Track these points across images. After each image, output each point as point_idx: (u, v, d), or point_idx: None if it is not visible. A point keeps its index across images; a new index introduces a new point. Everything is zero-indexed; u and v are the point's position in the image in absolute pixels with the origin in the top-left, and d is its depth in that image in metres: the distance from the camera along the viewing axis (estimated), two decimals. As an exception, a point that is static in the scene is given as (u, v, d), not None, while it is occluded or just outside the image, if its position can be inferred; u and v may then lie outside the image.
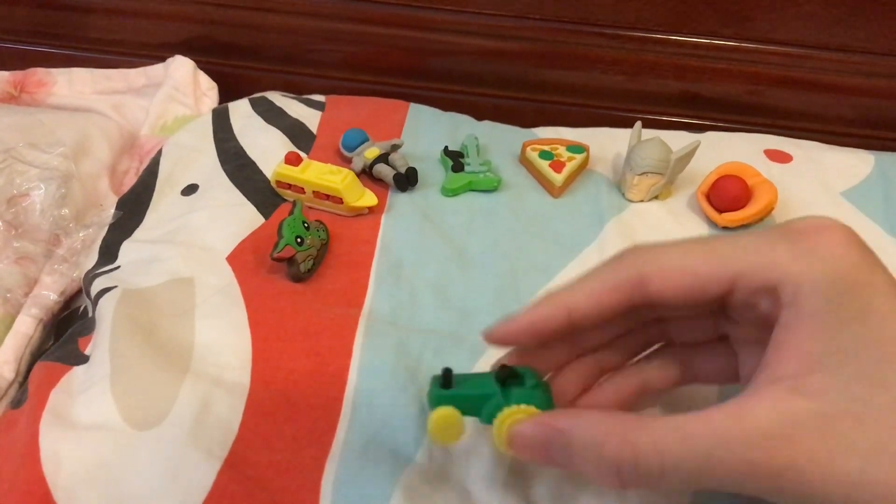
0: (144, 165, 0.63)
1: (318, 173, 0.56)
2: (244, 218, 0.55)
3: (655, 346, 0.34)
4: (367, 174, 0.61)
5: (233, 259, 0.50)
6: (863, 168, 0.64)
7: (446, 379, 0.30)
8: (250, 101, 0.70)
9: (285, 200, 0.57)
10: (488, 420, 0.29)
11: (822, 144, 0.69)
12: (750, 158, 0.63)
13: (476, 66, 0.76)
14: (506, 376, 0.29)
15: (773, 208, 0.57)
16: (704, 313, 0.30)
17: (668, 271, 0.26)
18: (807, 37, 0.69)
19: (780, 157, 0.66)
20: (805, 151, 0.67)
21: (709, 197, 0.58)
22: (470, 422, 0.31)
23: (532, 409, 0.28)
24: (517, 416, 0.28)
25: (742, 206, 0.56)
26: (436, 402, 0.29)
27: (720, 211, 0.57)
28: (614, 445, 0.24)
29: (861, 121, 0.74)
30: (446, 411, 0.29)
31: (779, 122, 0.75)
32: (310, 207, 0.57)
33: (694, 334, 0.32)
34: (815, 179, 0.63)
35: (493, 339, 0.30)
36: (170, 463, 0.36)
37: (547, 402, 0.29)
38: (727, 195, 0.56)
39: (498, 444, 0.29)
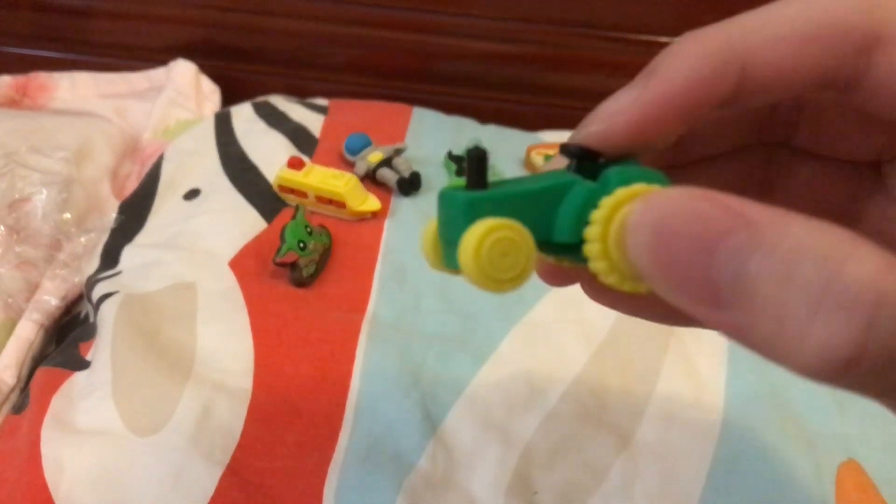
0: (146, 170, 0.63)
1: (321, 178, 0.55)
2: (246, 222, 0.54)
3: None
4: (370, 178, 0.61)
5: (235, 264, 0.50)
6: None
7: (478, 171, 0.16)
8: (253, 104, 0.70)
9: (288, 205, 0.57)
10: (570, 222, 0.16)
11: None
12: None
13: (480, 69, 0.76)
14: (580, 159, 0.16)
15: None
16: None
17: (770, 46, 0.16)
18: (811, 40, 0.69)
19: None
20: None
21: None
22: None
23: (657, 187, 0.15)
24: (644, 192, 0.15)
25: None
26: (469, 211, 0.15)
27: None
28: (874, 265, 0.11)
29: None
30: (497, 223, 0.15)
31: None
32: (312, 212, 0.56)
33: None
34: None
35: (606, 129, 0.16)
36: (171, 469, 0.36)
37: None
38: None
39: (596, 254, 0.15)
